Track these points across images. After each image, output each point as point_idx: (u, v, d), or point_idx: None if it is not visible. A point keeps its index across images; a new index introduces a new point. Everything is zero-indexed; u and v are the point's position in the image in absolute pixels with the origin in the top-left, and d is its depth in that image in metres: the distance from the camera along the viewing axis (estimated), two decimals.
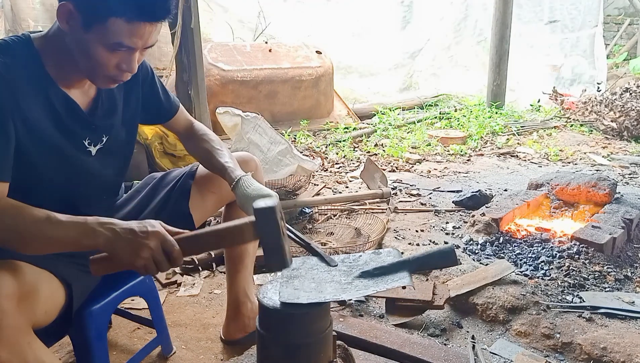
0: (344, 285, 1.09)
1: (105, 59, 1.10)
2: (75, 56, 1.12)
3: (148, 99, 1.41)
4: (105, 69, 1.12)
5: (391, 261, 1.15)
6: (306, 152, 4.09)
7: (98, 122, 1.25)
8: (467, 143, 4.52)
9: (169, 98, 1.48)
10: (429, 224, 2.73)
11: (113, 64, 1.11)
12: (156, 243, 1.02)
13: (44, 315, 1.10)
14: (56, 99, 1.16)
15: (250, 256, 1.68)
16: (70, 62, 1.14)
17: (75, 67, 1.15)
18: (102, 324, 1.36)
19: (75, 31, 1.08)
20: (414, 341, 1.62)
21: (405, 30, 7.46)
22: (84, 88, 1.22)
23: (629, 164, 3.96)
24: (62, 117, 1.17)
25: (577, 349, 1.67)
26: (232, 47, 4.96)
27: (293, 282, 1.09)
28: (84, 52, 1.10)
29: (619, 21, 9.03)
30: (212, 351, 1.72)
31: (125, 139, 1.36)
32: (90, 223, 1.02)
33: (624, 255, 2.30)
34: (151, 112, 1.44)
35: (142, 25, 1.08)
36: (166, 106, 1.47)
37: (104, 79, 1.16)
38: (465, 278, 1.99)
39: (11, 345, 0.95)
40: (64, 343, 1.67)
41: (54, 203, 1.09)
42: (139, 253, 1.01)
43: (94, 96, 1.25)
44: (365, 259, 1.19)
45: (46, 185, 1.18)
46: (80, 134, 1.22)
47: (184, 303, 2.02)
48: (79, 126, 1.21)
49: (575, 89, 6.26)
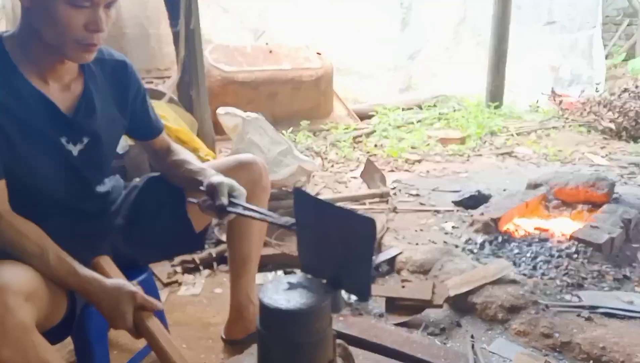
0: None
1: (70, 18, 1.09)
2: (41, 31, 1.12)
3: (138, 114, 1.41)
4: (73, 31, 1.11)
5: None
6: (306, 152, 4.10)
7: (79, 123, 1.24)
8: (466, 143, 4.53)
9: (157, 118, 1.50)
10: (428, 224, 2.74)
11: (80, 23, 1.11)
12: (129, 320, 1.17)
13: (48, 317, 1.12)
14: (31, 99, 1.15)
15: (253, 260, 1.68)
16: (41, 54, 1.15)
17: (46, 52, 1.15)
18: (103, 324, 1.36)
19: (37, 1, 1.09)
20: (414, 340, 1.62)
21: (405, 31, 7.46)
22: (64, 84, 1.22)
23: (627, 165, 3.97)
24: (38, 118, 1.17)
25: (576, 348, 1.67)
26: (233, 49, 4.97)
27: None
28: (49, 18, 1.10)
29: (618, 22, 9.03)
30: (213, 350, 1.73)
31: (108, 143, 1.35)
32: (81, 278, 1.14)
33: (623, 254, 2.31)
34: (140, 128, 1.46)
35: None
36: (154, 124, 1.49)
37: (75, 46, 1.13)
38: (464, 278, 2.00)
39: (15, 343, 0.95)
40: (64, 343, 1.66)
41: (46, 199, 1.18)
42: (115, 322, 1.17)
43: (78, 95, 1.24)
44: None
45: (20, 186, 1.17)
46: (58, 134, 1.21)
47: (184, 302, 2.03)
48: (58, 126, 1.21)
49: (573, 90, 6.27)
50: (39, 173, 1.21)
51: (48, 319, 1.13)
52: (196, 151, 2.81)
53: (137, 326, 1.18)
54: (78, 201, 1.31)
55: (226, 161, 1.61)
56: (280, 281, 1.12)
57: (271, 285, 1.12)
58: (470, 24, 7.22)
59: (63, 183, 1.26)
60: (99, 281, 1.15)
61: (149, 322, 1.19)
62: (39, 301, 1.06)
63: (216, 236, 2.44)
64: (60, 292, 1.17)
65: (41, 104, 1.17)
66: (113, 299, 1.14)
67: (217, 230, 2.43)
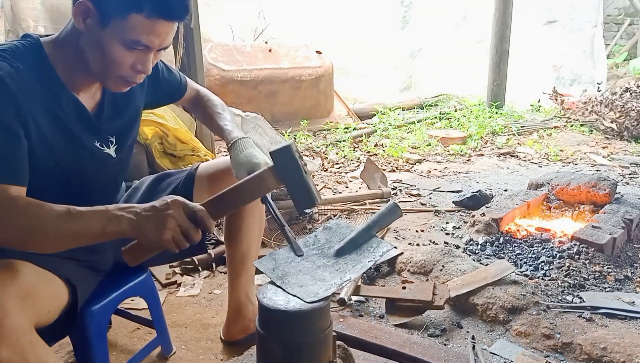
0: (335, 267, 1.10)
1: (121, 58, 1.10)
2: (88, 57, 1.12)
3: (156, 89, 1.43)
4: (120, 69, 1.12)
5: (353, 232, 1.18)
6: (306, 152, 4.09)
7: (104, 126, 1.26)
8: (467, 143, 4.52)
9: (175, 78, 1.52)
10: (429, 224, 2.73)
11: (128, 63, 1.11)
12: (178, 211, 1.01)
13: (46, 315, 1.10)
14: (67, 103, 1.16)
15: (251, 259, 1.67)
16: (80, 66, 1.14)
17: (86, 71, 1.15)
18: (102, 324, 1.36)
19: (91, 29, 1.08)
20: (414, 341, 1.61)
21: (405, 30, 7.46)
22: (91, 92, 1.23)
23: (629, 164, 3.96)
24: (73, 122, 1.17)
25: (577, 349, 1.66)
26: (232, 47, 4.96)
27: (289, 281, 1.09)
28: (99, 51, 1.10)
29: (619, 21, 9.02)
30: (212, 351, 1.72)
31: (130, 138, 1.37)
32: (111, 210, 1.01)
33: (624, 255, 2.30)
34: (163, 96, 1.51)
35: (161, 24, 1.08)
36: (175, 87, 1.52)
37: (117, 80, 1.15)
38: (465, 279, 1.99)
39: (13, 344, 0.95)
40: (64, 343, 1.67)
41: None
42: (164, 224, 1.00)
43: (99, 99, 1.25)
44: (325, 237, 1.22)
45: (54, 189, 1.17)
46: (91, 137, 1.23)
47: (184, 303, 2.02)
48: (89, 129, 1.22)
49: (575, 89, 6.26)
50: (83, 174, 1.22)
51: (49, 313, 1.11)
52: (195, 151, 2.81)
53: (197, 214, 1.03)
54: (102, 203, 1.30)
55: (225, 160, 1.60)
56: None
57: (270, 285, 1.11)
58: (471, 23, 7.22)
59: (103, 183, 1.30)
60: (131, 204, 1.05)
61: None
62: (36, 298, 1.05)
63: (215, 237, 2.43)
64: (58, 285, 1.16)
65: (76, 109, 1.18)
66: (152, 207, 1.02)
67: (216, 231, 2.42)
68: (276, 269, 1.13)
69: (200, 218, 1.03)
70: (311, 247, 1.19)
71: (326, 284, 1.06)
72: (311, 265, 1.14)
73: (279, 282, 1.08)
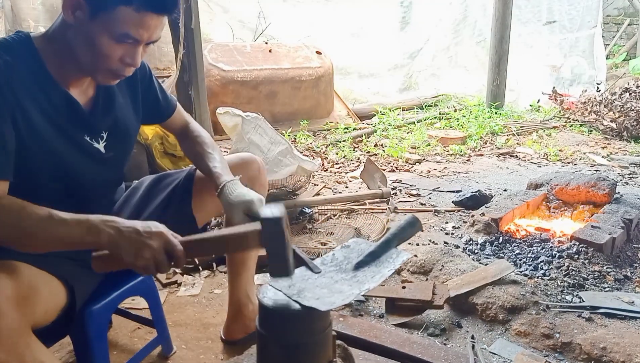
0: (354, 279, 1.09)
1: (110, 50, 1.10)
2: (77, 51, 1.12)
3: (146, 98, 1.41)
4: (109, 62, 1.12)
5: (372, 246, 1.16)
6: (306, 152, 4.10)
7: (98, 121, 1.25)
8: (466, 143, 4.52)
9: (166, 98, 1.49)
10: (428, 224, 2.73)
11: (117, 56, 1.12)
12: (158, 243, 1.02)
13: (43, 316, 1.10)
14: (57, 97, 1.16)
15: (252, 259, 1.68)
16: (70, 61, 1.14)
17: (76, 66, 1.15)
18: (103, 324, 1.37)
19: (80, 22, 1.08)
20: (414, 341, 1.62)
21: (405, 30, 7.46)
22: (83, 87, 1.23)
23: (628, 165, 3.97)
24: (64, 116, 1.17)
25: (577, 349, 1.67)
26: (232, 48, 4.97)
27: (306, 295, 1.05)
28: (88, 44, 1.10)
29: (619, 21, 9.04)
30: (213, 351, 1.73)
31: (125, 136, 1.36)
32: (93, 221, 1.02)
33: (624, 254, 2.31)
34: (149, 112, 1.44)
35: (150, 16, 1.08)
36: (164, 106, 1.48)
37: (106, 73, 1.15)
38: (464, 278, 1.99)
39: (9, 346, 0.95)
40: (64, 343, 1.67)
41: (55, 202, 1.08)
42: (140, 252, 1.01)
43: (92, 95, 1.25)
44: (343, 254, 1.19)
45: (47, 184, 1.18)
46: (81, 132, 1.22)
47: (184, 302, 2.03)
48: (80, 124, 1.21)
49: (574, 90, 6.26)
50: (75, 169, 1.21)
51: (47, 314, 1.11)
52: None
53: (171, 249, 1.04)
54: (88, 204, 1.29)
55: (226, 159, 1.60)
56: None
57: (270, 285, 1.11)
58: (470, 24, 7.22)
59: (96, 180, 1.28)
60: (115, 218, 1.05)
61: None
62: (33, 299, 1.05)
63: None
64: (56, 285, 1.15)
65: (66, 103, 1.18)
66: (135, 231, 1.02)
67: (216, 230, 2.42)
68: (292, 286, 1.09)
69: (176, 257, 1.04)
70: (329, 265, 1.17)
71: (344, 295, 1.03)
72: (329, 281, 1.11)
73: (294, 297, 1.04)
